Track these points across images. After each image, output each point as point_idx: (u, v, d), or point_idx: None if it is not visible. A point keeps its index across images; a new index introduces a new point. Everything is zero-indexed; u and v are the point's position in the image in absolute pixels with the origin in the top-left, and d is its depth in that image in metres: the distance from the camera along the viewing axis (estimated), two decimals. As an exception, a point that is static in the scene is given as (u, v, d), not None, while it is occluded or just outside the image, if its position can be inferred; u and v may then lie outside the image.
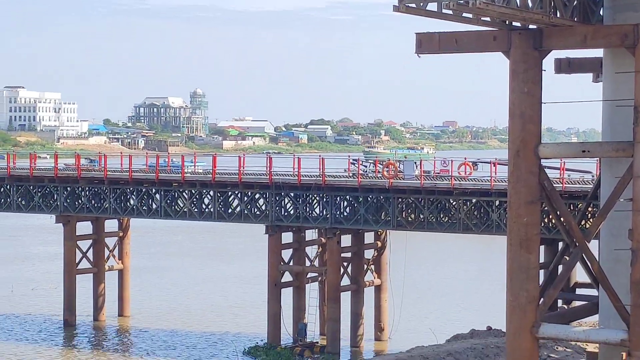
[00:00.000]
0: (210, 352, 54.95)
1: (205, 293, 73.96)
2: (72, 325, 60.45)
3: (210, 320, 63.58)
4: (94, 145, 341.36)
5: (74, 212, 60.18)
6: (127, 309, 64.03)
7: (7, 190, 61.90)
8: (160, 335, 59.13)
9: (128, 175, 58.46)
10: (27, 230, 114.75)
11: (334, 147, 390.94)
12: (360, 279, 56.38)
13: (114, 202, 59.01)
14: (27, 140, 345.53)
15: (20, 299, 70.34)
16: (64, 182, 60.06)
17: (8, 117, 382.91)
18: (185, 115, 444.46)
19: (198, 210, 57.32)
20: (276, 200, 54.89)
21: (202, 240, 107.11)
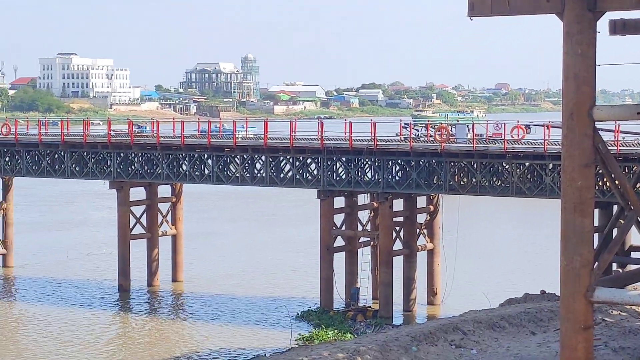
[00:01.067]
0: (263, 317, 55.21)
1: (258, 258, 74.28)
2: (126, 290, 61.01)
3: (263, 285, 63.87)
4: (146, 112, 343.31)
5: (127, 178, 60.57)
6: (181, 274, 64.48)
7: (61, 156, 62.42)
8: (213, 300, 59.51)
9: (180, 141, 58.67)
10: (82, 196, 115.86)
11: (385, 111, 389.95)
12: (412, 244, 56.29)
13: (166, 168, 59.31)
14: (80, 107, 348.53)
15: (75, 265, 71.11)
16: (117, 149, 60.43)
17: (61, 84, 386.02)
18: (236, 80, 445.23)
19: (250, 175, 57.44)
20: (328, 164, 54.85)
21: (254, 205, 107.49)
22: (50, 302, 58.97)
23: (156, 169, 59.79)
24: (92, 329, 52.55)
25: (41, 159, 63.15)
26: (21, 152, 63.32)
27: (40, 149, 62.78)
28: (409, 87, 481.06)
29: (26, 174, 64.20)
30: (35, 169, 63.47)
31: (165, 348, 49.35)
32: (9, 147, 63.67)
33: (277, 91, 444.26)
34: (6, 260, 69.01)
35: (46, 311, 56.48)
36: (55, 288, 62.81)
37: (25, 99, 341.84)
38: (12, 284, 64.96)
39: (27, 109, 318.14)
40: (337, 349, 36.95)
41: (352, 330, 50.45)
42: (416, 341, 37.13)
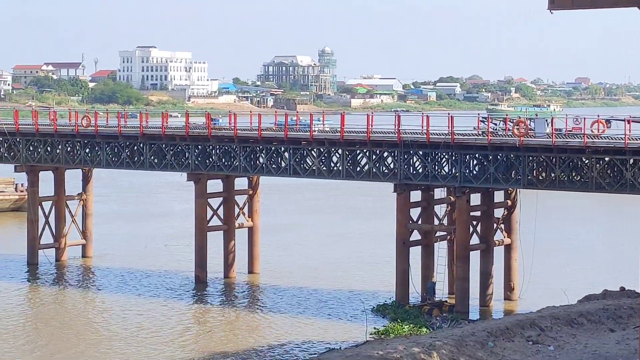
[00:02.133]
0: (339, 309, 55.23)
1: (334, 251, 74.31)
2: (203, 281, 61.43)
3: (339, 278, 63.87)
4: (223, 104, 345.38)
5: (205, 170, 60.96)
6: (257, 266, 64.76)
7: (140, 148, 63.02)
8: (288, 292, 59.67)
9: (258, 133, 58.87)
10: (160, 187, 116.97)
11: (463, 105, 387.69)
12: (489, 238, 55.88)
13: (243, 161, 59.56)
14: (158, 99, 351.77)
15: (153, 255, 71.80)
16: (195, 141, 60.83)
17: (140, 77, 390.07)
18: (313, 73, 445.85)
19: (326, 168, 57.46)
20: (404, 158, 54.66)
21: (330, 198, 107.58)
22: (128, 292, 59.62)
23: (233, 162, 60.09)
24: (169, 320, 53.00)
25: (120, 151, 63.83)
26: (101, 143, 64.06)
27: (120, 141, 63.46)
28: (487, 81, 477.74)
29: (106, 166, 64.97)
30: (114, 160, 64.17)
31: (240, 339, 49.60)
32: (89, 138, 64.46)
33: (354, 84, 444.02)
34: (85, 250, 69.93)
35: (123, 301, 57.12)
36: (133, 278, 63.50)
37: (105, 91, 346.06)
38: (91, 273, 65.80)
39: (107, 101, 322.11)
40: (412, 343, 36.83)
41: (428, 324, 50.25)
42: (492, 336, 36.88)
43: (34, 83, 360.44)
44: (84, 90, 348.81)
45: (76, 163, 65.78)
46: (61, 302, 57.50)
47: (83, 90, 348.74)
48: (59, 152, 65.73)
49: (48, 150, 66.18)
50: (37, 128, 66.17)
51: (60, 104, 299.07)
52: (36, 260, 66.83)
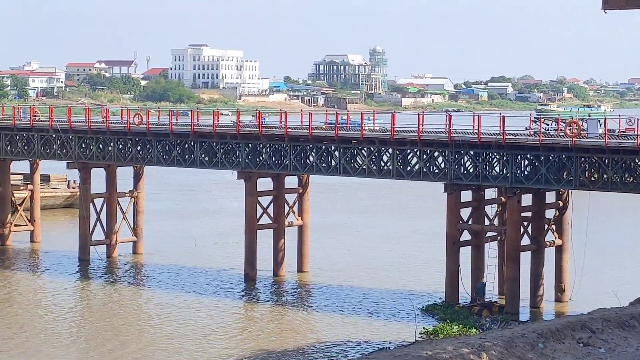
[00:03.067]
0: (388, 309, 55.13)
1: (384, 250, 74.19)
2: (252, 279, 61.59)
3: (388, 277, 63.76)
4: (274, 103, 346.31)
5: (255, 169, 61.10)
6: (306, 265, 64.80)
7: (191, 146, 63.29)
8: (338, 291, 59.65)
9: (308, 132, 58.89)
10: (210, 185, 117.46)
11: (515, 105, 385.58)
12: (540, 239, 55.50)
13: (294, 159, 59.62)
14: (210, 98, 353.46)
15: (203, 253, 72.10)
16: (245, 139, 61.00)
17: (192, 75, 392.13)
18: (364, 72, 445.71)
19: (377, 167, 57.37)
20: (455, 158, 54.43)
21: (381, 197, 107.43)
22: (178, 289, 59.92)
23: (284, 160, 60.17)
24: (218, 317, 53.20)
25: (171, 149, 64.15)
26: (152, 141, 64.42)
27: (171, 139, 63.76)
28: (539, 81, 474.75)
29: (157, 163, 65.32)
30: (165, 158, 64.50)
31: (289, 338, 49.67)
32: (140, 136, 64.86)
33: (405, 83, 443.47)
34: (136, 247, 70.40)
35: (173, 298, 57.41)
36: (183, 275, 63.80)
37: (157, 89, 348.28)
38: (142, 270, 66.23)
39: (159, 99, 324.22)
40: (461, 343, 36.62)
41: (477, 325, 50.01)
42: (543, 338, 36.59)
43: (87, 81, 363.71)
44: (136, 88, 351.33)
45: (128, 160, 66.23)
46: (112, 299, 57.92)
47: (135, 88, 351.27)
48: (110, 150, 66.21)
49: (100, 148, 66.69)
50: (89, 125, 66.70)
51: (112, 101, 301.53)
52: (87, 257, 67.39)
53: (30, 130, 68.91)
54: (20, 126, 69.51)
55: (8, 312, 54.18)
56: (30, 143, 69.19)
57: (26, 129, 69.20)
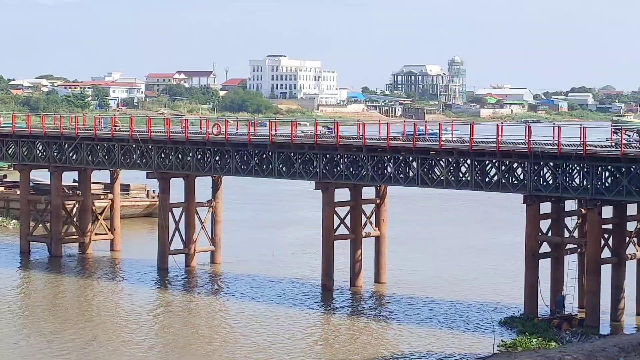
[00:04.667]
0: (466, 321, 54.70)
1: (462, 261, 73.69)
2: (329, 289, 61.54)
3: (467, 289, 63.29)
4: (351, 113, 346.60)
5: (333, 179, 61.08)
6: (384, 276, 64.58)
7: (268, 156, 63.48)
8: (415, 302, 59.35)
9: (386, 143, 58.73)
10: (287, 195, 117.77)
11: (595, 116, 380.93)
12: (621, 252, 54.65)
13: (371, 170, 59.49)
14: (287, 108, 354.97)
15: (280, 263, 72.26)
16: (323, 150, 61.01)
17: (270, 85, 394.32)
18: (442, 83, 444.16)
19: (455, 178, 57.00)
20: (535, 169, 53.86)
21: (458, 208, 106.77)
22: (256, 299, 60.09)
23: (361, 171, 60.08)
24: (295, 327, 53.24)
25: (250, 159, 64.38)
26: (231, 151, 64.74)
27: (249, 149, 64.02)
28: (621, 91, 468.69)
29: (235, 173, 65.59)
30: (243, 168, 64.76)
31: (366, 349, 49.51)
32: (219, 146, 65.22)
33: (484, 94, 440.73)
34: (214, 256, 70.80)
35: (251, 308, 57.59)
36: (260, 285, 63.99)
37: (235, 99, 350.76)
38: (220, 280, 66.55)
39: (237, 110, 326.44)
40: (541, 357, 36.25)
41: (557, 338, 49.39)
42: (624, 352, 36.06)
43: (167, 91, 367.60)
44: (214, 99, 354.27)
45: (206, 170, 66.65)
46: (191, 308, 58.28)
47: (214, 99, 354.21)
48: (189, 160, 66.68)
49: (179, 158, 67.21)
50: (169, 136, 67.27)
51: (191, 112, 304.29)
52: (166, 266, 67.92)
53: (111, 140, 69.72)
54: (101, 136, 70.38)
55: (87, 320, 54.78)
56: (111, 153, 70.01)
57: (107, 139, 70.04)
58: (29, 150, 74.00)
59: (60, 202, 73.24)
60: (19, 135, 74.18)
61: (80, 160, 71.39)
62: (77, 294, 62.09)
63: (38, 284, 65.03)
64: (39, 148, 73.60)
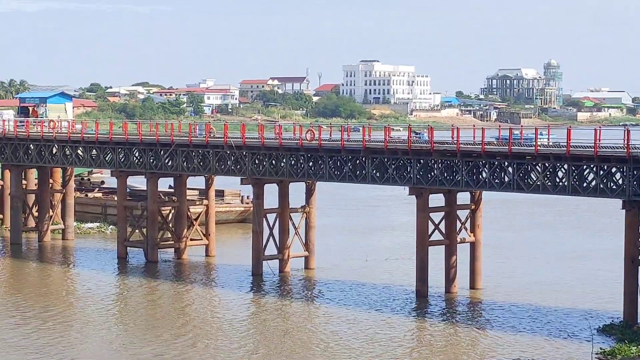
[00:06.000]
0: (563, 328, 53.81)
1: (558, 267, 72.65)
2: (424, 296, 61.11)
3: (564, 295, 62.32)
4: (445, 118, 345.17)
5: (427, 185, 60.64)
6: (479, 282, 63.92)
7: (362, 162, 63.29)
8: (512, 309, 58.57)
9: (481, 148, 58.12)
10: (381, 201, 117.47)
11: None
12: None
13: (466, 175, 58.93)
14: (381, 113, 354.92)
15: (374, 268, 72.01)
16: (417, 155, 60.63)
17: (363, 90, 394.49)
18: (538, 86, 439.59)
19: (551, 183, 56.14)
20: (634, 174, 52.78)
21: (554, 214, 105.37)
22: (350, 304, 59.93)
23: (456, 176, 59.55)
24: (390, 333, 52.93)
25: (343, 165, 64.25)
26: (324, 157, 64.70)
27: (343, 155, 63.89)
28: None
29: (328, 179, 65.51)
30: (337, 174, 64.65)
31: (460, 355, 49.06)
32: (312, 152, 65.23)
33: (581, 97, 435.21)
34: (308, 262, 70.84)
35: (345, 313, 57.43)
36: (354, 291, 63.81)
37: (328, 105, 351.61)
38: (314, 285, 66.54)
39: (330, 115, 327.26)
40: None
41: (657, 346, 48.27)
42: None
43: (260, 97, 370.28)
44: (308, 104, 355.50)
45: (300, 176, 66.71)
46: (285, 313, 58.35)
47: (307, 104, 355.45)
48: (283, 166, 66.83)
49: (273, 164, 67.39)
50: (262, 142, 67.49)
51: (284, 117, 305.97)
52: (260, 271, 68.15)
53: (206, 147, 70.22)
54: (196, 143, 70.94)
55: (183, 325, 55.18)
56: (206, 159, 70.51)
57: (202, 146, 70.56)
58: (125, 157, 74.95)
59: (156, 208, 74.01)
60: (116, 142, 75.17)
61: (176, 166, 72.05)
62: (172, 299, 62.62)
63: (134, 289, 65.76)
64: (136, 155, 74.48)
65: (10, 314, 57.29)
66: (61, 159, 79.54)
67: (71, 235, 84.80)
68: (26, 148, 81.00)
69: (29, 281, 69.10)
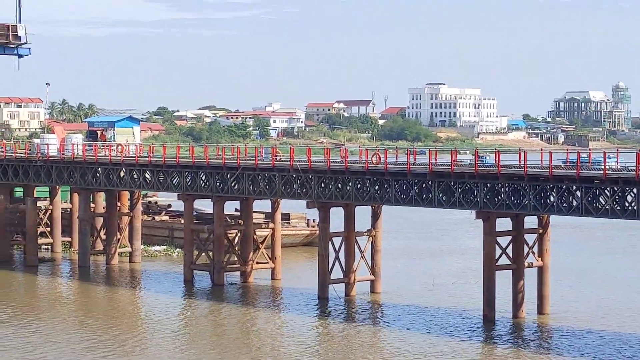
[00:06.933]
0: (633, 354, 52.96)
1: (629, 292, 71.63)
2: (491, 320, 60.54)
3: (635, 321, 61.40)
4: (512, 141, 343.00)
5: (494, 209, 60.17)
6: (547, 307, 63.18)
7: (428, 185, 62.99)
8: (581, 334, 57.80)
9: (548, 171, 57.57)
10: (447, 225, 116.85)
11: None
12: None
13: (533, 199, 58.37)
14: (447, 136, 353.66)
15: (440, 293, 71.53)
16: (483, 179, 60.22)
17: (429, 113, 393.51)
18: (606, 109, 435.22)
19: (620, 208, 55.38)
20: None
21: (626, 238, 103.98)
22: (416, 328, 59.54)
23: (523, 200, 59.01)
24: (457, 359, 52.48)
25: (409, 188, 64.01)
26: (390, 181, 64.50)
27: (409, 178, 63.66)
28: None
29: (394, 203, 65.24)
30: (403, 197, 64.41)
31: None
32: (378, 176, 65.06)
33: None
34: (374, 286, 70.57)
35: (411, 338, 57.03)
36: (420, 315, 63.41)
37: (394, 128, 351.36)
38: (380, 309, 66.27)
39: (396, 138, 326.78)
40: None
41: None
42: None
43: (326, 120, 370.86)
44: (373, 127, 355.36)
45: (366, 200, 66.56)
46: (351, 337, 58.12)
47: (373, 127, 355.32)
48: (349, 189, 66.73)
49: (339, 187, 67.33)
50: (328, 165, 67.47)
51: (350, 140, 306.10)
52: (326, 295, 68.03)
53: (272, 170, 70.40)
54: (263, 166, 71.15)
55: (248, 348, 55.18)
56: (272, 182, 70.67)
57: (268, 169, 70.75)
58: (192, 180, 75.41)
59: (223, 231, 74.30)
60: (183, 166, 75.68)
61: (242, 189, 72.32)
62: (238, 322, 62.71)
63: (201, 312, 66.00)
64: (202, 178, 74.90)
65: (79, 337, 57.74)
66: (129, 183, 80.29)
67: (138, 258, 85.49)
68: (94, 171, 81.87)
69: (97, 304, 69.66)
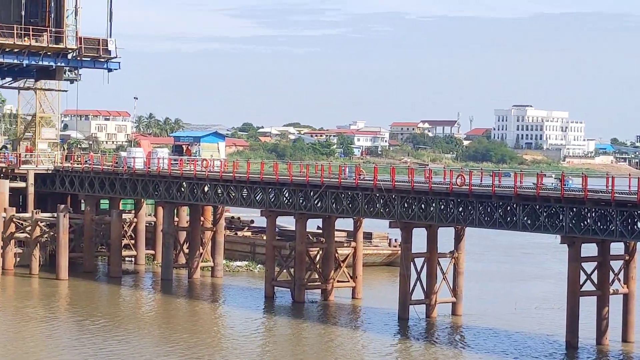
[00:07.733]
0: None
1: None
2: (574, 347, 59.62)
3: None
4: (599, 165, 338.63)
5: (579, 234, 59.30)
6: (632, 335, 62.06)
7: (513, 208, 62.32)
8: (666, 364, 56.67)
9: (636, 197, 56.56)
10: (531, 249, 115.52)
11: None
12: None
13: (620, 225, 57.39)
14: (532, 159, 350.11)
15: (523, 317, 70.66)
16: (570, 203, 59.40)
17: (515, 135, 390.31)
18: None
19: None
20: None
21: None
22: (497, 353, 58.87)
23: (609, 226, 58.06)
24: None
25: (493, 211, 63.39)
26: (474, 202, 63.95)
27: (493, 201, 63.03)
28: None
29: (478, 225, 64.61)
30: (487, 220, 63.79)
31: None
32: (462, 197, 64.57)
33: None
34: (455, 308, 69.98)
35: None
36: (502, 339, 62.70)
37: (479, 149, 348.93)
38: (461, 332, 65.70)
39: (481, 159, 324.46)
40: None
41: None
42: None
43: (410, 140, 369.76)
44: (458, 148, 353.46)
45: (449, 221, 66.06)
46: (432, 359, 57.66)
47: (457, 148, 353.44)
48: (432, 210, 66.31)
49: (422, 208, 66.95)
50: (412, 186, 67.15)
51: (434, 161, 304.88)
52: (407, 315, 67.63)
53: (355, 189, 70.28)
54: (346, 185, 71.08)
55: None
56: (355, 201, 70.55)
57: (351, 188, 70.65)
58: (275, 197, 75.65)
59: (305, 248, 74.36)
60: (267, 182, 75.96)
61: (325, 207, 72.33)
62: (318, 340, 62.62)
63: (281, 329, 66.06)
64: (286, 195, 75.09)
65: (161, 350, 58.13)
66: (212, 198, 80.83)
67: (220, 273, 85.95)
68: (179, 186, 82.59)
69: (179, 317, 70.10)
